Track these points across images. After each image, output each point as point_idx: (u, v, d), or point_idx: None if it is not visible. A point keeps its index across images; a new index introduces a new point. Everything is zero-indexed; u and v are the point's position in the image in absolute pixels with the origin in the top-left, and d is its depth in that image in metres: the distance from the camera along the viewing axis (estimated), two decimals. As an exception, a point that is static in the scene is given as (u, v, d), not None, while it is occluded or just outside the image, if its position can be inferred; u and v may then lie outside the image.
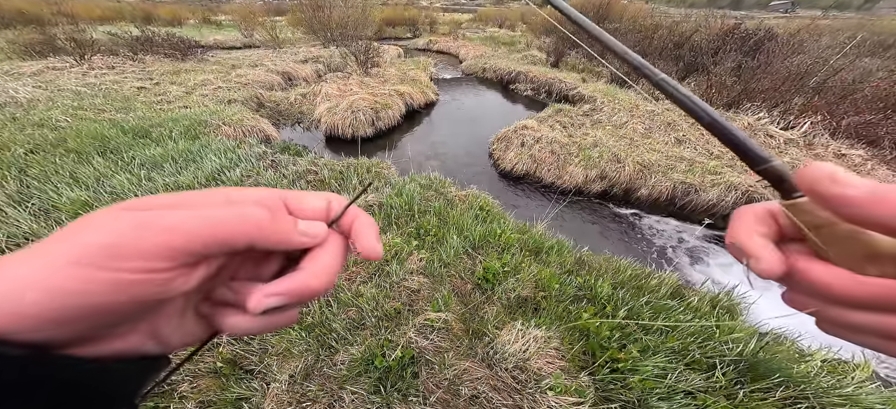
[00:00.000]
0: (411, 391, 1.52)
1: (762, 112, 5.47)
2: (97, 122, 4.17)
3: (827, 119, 5.02)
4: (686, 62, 8.10)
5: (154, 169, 3.20)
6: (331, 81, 7.18)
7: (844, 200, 0.17)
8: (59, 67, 6.66)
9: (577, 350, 1.75)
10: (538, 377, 1.60)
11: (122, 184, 2.87)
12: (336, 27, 11.15)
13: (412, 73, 8.45)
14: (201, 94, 6.01)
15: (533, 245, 2.61)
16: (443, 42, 15.69)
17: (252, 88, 6.72)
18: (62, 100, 4.95)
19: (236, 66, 8.15)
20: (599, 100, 6.63)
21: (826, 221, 0.18)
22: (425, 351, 1.68)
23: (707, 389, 1.63)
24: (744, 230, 0.21)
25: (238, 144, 3.98)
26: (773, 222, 0.21)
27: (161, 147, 3.62)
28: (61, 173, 2.95)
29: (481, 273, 2.19)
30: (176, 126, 4.15)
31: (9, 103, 4.61)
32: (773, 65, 6.23)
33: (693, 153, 4.66)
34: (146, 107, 5.05)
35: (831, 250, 0.19)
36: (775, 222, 0.21)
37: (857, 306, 0.18)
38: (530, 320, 1.87)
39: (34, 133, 3.68)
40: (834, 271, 0.18)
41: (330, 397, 1.53)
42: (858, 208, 0.16)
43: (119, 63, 7.39)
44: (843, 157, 4.55)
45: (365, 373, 1.59)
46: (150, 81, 6.44)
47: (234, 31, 15.07)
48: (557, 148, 4.64)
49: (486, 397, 1.53)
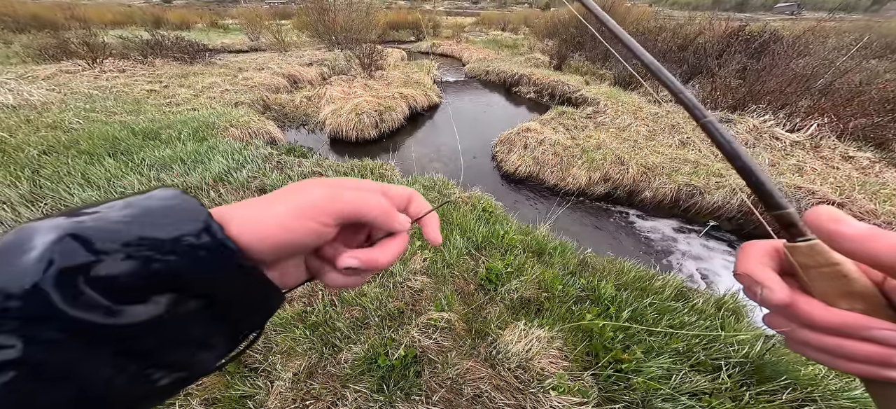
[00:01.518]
0: (414, 390, 1.53)
1: (768, 114, 5.42)
2: (108, 124, 4.27)
3: (833, 121, 4.96)
4: (690, 65, 8.07)
5: (163, 170, 3.26)
6: (335, 84, 7.26)
7: (842, 236, 0.21)
8: (71, 71, 6.82)
9: (580, 351, 1.75)
10: (541, 376, 1.60)
11: (133, 184, 2.92)
12: (340, 31, 11.28)
13: (415, 75, 8.51)
14: (209, 96, 6.11)
15: (536, 247, 2.61)
16: (446, 45, 15.79)
17: (258, 91, 6.82)
18: (75, 102, 5.06)
19: (243, 69, 8.27)
20: (603, 102, 6.62)
21: (815, 263, 0.23)
22: (428, 350, 1.69)
23: (712, 391, 1.61)
24: (755, 263, 0.25)
25: (245, 146, 4.04)
26: (778, 257, 0.26)
27: (170, 149, 3.68)
28: (73, 174, 3.02)
29: (484, 274, 2.20)
30: (184, 128, 4.22)
31: (23, 106, 4.72)
32: (778, 67, 6.18)
33: (697, 156, 4.64)
34: (156, 109, 5.14)
35: (815, 286, 0.24)
36: (778, 258, 0.26)
37: (827, 332, 0.23)
38: (533, 320, 1.87)
39: (47, 135, 3.77)
40: (815, 302, 0.23)
41: (333, 395, 1.55)
42: (852, 243, 0.21)
43: (130, 66, 7.53)
44: (851, 159, 4.49)
45: (368, 372, 1.60)
46: (159, 83, 6.56)
47: (240, 35, 15.30)
48: (560, 150, 4.64)
49: (489, 396, 1.53)
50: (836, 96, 5.24)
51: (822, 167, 4.30)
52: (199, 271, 0.19)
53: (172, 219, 0.20)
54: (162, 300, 0.18)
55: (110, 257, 0.17)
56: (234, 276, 0.21)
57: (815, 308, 0.23)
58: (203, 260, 0.19)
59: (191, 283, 0.19)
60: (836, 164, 4.39)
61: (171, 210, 0.20)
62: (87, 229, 0.17)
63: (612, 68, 9.29)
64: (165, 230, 0.19)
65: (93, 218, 0.18)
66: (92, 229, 0.17)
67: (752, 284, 0.25)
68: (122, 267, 0.17)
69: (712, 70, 7.06)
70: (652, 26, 10.55)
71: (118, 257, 0.17)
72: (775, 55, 6.69)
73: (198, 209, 0.21)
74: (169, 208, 0.20)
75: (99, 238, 0.17)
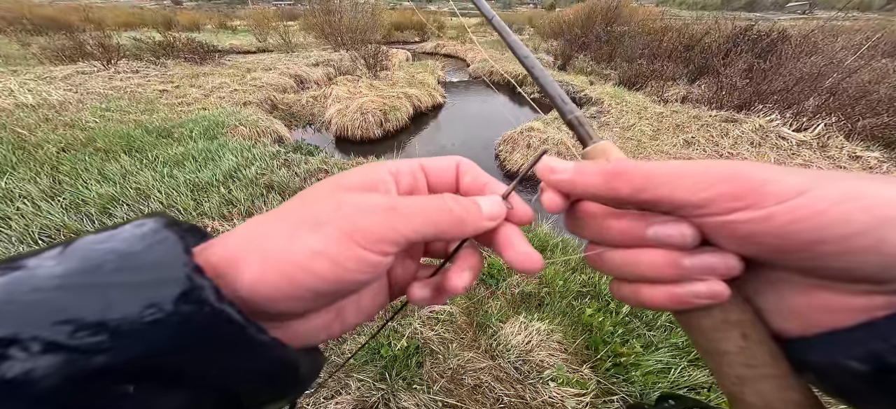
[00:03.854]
0: (416, 379, 1.57)
1: (774, 114, 5.37)
2: (123, 123, 4.40)
3: (841, 121, 4.90)
4: (696, 64, 8.00)
5: (176, 167, 3.36)
6: (341, 84, 7.35)
7: (559, 185, 0.21)
8: (87, 71, 7.02)
9: (579, 344, 1.78)
10: (540, 368, 1.64)
11: (147, 180, 3.03)
12: (346, 31, 11.40)
13: (420, 76, 8.57)
14: (218, 96, 6.25)
15: (538, 244, 2.64)
16: (450, 46, 15.84)
17: (266, 91, 6.94)
18: (91, 102, 5.23)
19: (251, 69, 8.42)
20: (607, 102, 6.61)
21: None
22: (430, 342, 1.73)
23: (710, 385, 1.63)
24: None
25: (253, 144, 4.14)
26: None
27: (182, 146, 3.80)
28: (90, 171, 3.13)
29: (486, 269, 2.24)
30: (196, 127, 4.34)
31: (42, 105, 4.89)
32: (785, 66, 6.11)
33: (701, 154, 4.61)
34: (168, 109, 5.28)
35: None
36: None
37: (612, 240, 0.21)
38: (533, 314, 1.91)
39: (66, 133, 3.91)
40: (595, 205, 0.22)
41: (337, 384, 1.60)
42: (569, 187, 0.21)
43: (143, 67, 7.72)
44: (859, 158, 4.43)
45: (371, 362, 1.65)
46: (171, 84, 6.72)
47: (248, 36, 15.54)
48: (564, 150, 4.65)
49: (489, 386, 1.58)
50: (845, 96, 5.16)
51: (828, 167, 4.25)
52: (179, 357, 0.13)
53: (132, 278, 0.13)
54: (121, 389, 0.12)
55: (23, 350, 0.11)
56: (246, 354, 0.15)
57: (591, 206, 0.21)
58: (185, 346, 0.13)
59: (165, 368, 0.13)
60: (844, 163, 4.34)
61: (132, 261, 0.13)
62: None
63: (617, 68, 9.25)
64: (114, 299, 0.12)
65: (8, 279, 0.12)
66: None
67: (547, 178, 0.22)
68: (43, 366, 0.11)
69: (718, 70, 7.00)
70: (658, 26, 10.47)
71: (35, 349, 0.11)
72: (783, 55, 6.61)
73: (176, 258, 0.14)
74: (128, 258, 0.13)
75: (8, 316, 0.11)
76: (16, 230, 2.33)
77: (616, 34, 10.84)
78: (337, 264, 0.16)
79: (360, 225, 0.16)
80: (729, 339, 0.19)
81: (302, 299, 0.16)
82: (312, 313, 0.19)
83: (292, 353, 0.17)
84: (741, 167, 0.16)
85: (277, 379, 0.17)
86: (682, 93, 7.25)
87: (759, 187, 0.15)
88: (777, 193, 0.15)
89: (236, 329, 0.14)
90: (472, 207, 0.20)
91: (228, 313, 0.14)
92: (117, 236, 0.14)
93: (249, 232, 0.17)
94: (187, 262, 0.14)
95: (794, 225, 0.14)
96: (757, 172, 0.16)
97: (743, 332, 0.19)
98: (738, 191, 0.16)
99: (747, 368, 0.18)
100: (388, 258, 0.17)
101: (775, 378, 0.18)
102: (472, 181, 0.23)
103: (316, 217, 0.17)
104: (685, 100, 6.91)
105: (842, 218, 0.13)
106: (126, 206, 2.74)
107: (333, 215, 0.17)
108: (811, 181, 0.15)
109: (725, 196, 0.16)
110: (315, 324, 0.20)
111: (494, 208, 0.21)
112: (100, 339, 0.11)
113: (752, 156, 4.57)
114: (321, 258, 0.16)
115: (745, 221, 0.15)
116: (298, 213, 0.18)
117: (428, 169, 0.23)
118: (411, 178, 0.22)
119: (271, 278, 0.15)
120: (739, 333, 0.19)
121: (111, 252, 0.13)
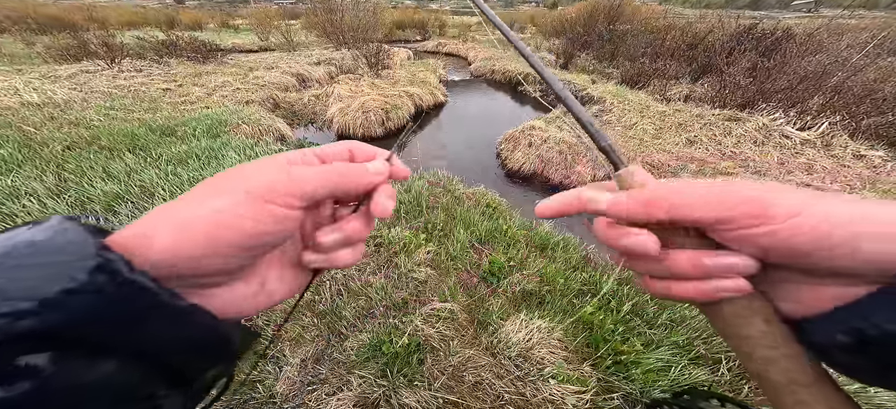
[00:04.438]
0: (417, 376, 1.58)
1: (778, 113, 5.33)
2: (127, 121, 4.44)
3: (845, 119, 4.86)
4: (700, 63, 7.95)
5: (179, 165, 3.38)
6: (343, 83, 7.36)
7: (610, 212, 0.24)
8: (91, 70, 7.06)
9: (580, 342, 1.79)
10: (541, 365, 1.65)
11: (151, 178, 3.05)
12: (348, 30, 11.41)
13: (421, 74, 8.57)
14: (221, 95, 6.28)
15: (539, 242, 2.64)
16: (452, 45, 15.81)
17: (268, 90, 6.96)
18: (95, 100, 5.27)
19: (253, 68, 8.45)
20: (609, 101, 6.58)
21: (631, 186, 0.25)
22: (431, 339, 1.74)
23: (711, 384, 1.63)
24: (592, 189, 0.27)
25: (255, 142, 4.16)
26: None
27: (185, 145, 3.82)
28: (95, 169, 3.16)
29: (487, 267, 2.25)
30: (199, 125, 4.36)
31: (47, 104, 4.93)
32: (789, 65, 6.06)
33: (704, 153, 4.59)
34: (171, 107, 5.31)
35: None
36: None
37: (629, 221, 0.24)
38: (534, 312, 1.92)
39: (70, 131, 3.94)
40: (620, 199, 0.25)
41: (339, 380, 1.61)
42: (615, 215, 0.24)
43: (146, 66, 7.77)
44: (862, 157, 4.39)
45: (373, 358, 1.66)
46: (174, 82, 6.75)
47: (250, 35, 15.58)
48: (565, 148, 4.64)
49: (489, 383, 1.58)
50: (850, 94, 5.11)
51: (832, 165, 4.22)
52: (98, 327, 0.14)
53: (46, 259, 0.14)
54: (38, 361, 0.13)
55: None
56: (165, 321, 0.16)
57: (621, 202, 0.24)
58: (103, 315, 0.14)
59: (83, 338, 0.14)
60: (847, 162, 4.30)
61: (42, 247, 0.14)
62: None
63: (619, 67, 9.21)
64: (30, 276, 0.13)
65: None
66: None
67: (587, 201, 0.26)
68: None
69: (721, 69, 6.95)
70: (660, 24, 10.41)
71: None
72: (787, 53, 6.56)
73: (85, 240, 0.15)
74: (37, 245, 0.14)
75: None
76: (22, 227, 2.35)
77: (618, 33, 10.78)
78: (246, 218, 0.18)
79: (263, 182, 0.19)
80: (752, 325, 0.22)
81: (223, 255, 0.18)
82: (236, 281, 0.21)
83: (215, 320, 0.19)
84: (754, 191, 0.20)
85: (207, 349, 0.19)
86: (685, 92, 7.21)
87: (768, 209, 0.19)
88: (780, 214, 0.19)
89: (150, 296, 0.15)
90: (360, 167, 0.24)
91: (141, 282, 0.15)
92: (20, 233, 0.15)
93: (157, 212, 0.18)
94: (96, 243, 0.15)
95: (794, 239, 0.18)
96: (766, 196, 0.20)
97: (765, 317, 0.22)
98: (755, 211, 0.20)
99: (771, 349, 0.22)
100: (295, 212, 0.20)
101: (795, 357, 0.21)
102: (364, 158, 0.27)
103: (222, 188, 0.19)
104: (688, 99, 6.88)
105: (827, 233, 0.18)
106: (130, 203, 2.76)
107: (239, 182, 0.19)
108: (803, 204, 0.19)
109: (745, 215, 0.20)
110: (241, 293, 0.21)
111: (379, 166, 0.26)
112: (25, 307, 0.13)
113: (754, 155, 4.55)
114: (232, 215, 0.18)
115: (762, 234, 0.20)
116: (205, 189, 0.20)
117: (323, 155, 0.25)
118: (305, 160, 0.24)
119: (189, 239, 0.17)
120: (762, 318, 0.22)
121: (19, 242, 0.14)
